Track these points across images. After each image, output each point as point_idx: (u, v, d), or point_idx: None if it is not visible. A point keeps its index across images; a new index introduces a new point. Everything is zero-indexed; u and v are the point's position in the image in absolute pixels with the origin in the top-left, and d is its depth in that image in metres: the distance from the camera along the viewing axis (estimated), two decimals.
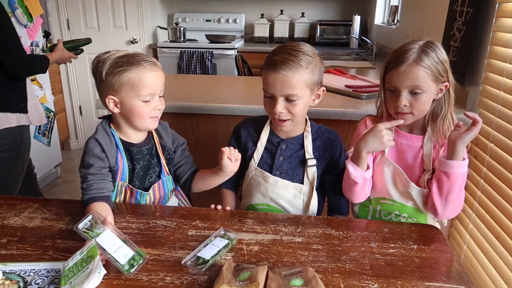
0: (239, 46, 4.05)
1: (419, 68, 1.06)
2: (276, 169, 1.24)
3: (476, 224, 1.55)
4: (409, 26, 2.66)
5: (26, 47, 2.67)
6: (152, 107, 1.11)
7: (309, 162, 1.22)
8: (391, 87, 1.12)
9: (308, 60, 1.10)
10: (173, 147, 1.25)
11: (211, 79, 2.43)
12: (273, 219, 1.11)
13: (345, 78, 2.24)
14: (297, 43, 1.15)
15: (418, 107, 1.11)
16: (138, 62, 1.07)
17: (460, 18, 1.69)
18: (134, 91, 1.07)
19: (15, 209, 1.13)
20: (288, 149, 1.24)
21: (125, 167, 1.16)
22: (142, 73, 1.07)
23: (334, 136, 1.27)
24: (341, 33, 4.27)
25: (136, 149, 1.17)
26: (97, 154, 1.11)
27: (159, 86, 1.12)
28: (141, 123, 1.13)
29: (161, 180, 1.22)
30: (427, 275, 0.89)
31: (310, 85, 1.13)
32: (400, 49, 1.11)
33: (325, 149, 1.25)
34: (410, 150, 1.19)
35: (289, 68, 1.08)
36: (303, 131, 1.24)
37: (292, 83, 1.09)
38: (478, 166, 1.54)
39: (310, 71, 1.11)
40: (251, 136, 1.28)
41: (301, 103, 1.13)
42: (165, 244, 0.98)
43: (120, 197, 1.20)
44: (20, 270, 0.87)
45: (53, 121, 3.06)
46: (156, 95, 1.12)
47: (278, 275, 0.84)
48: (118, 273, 0.86)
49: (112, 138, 1.15)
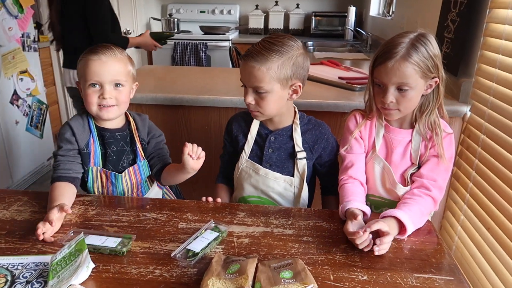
0: (233, 37, 4.03)
1: (407, 64, 1.03)
2: (265, 161, 1.23)
3: (467, 216, 1.55)
4: (404, 17, 2.64)
5: (17, 38, 2.64)
6: (98, 95, 1.14)
7: (298, 155, 1.22)
8: (378, 82, 1.10)
9: (281, 53, 1.08)
10: (147, 138, 1.27)
11: (205, 71, 2.42)
12: (264, 211, 1.11)
13: (339, 69, 2.23)
14: (279, 35, 1.14)
15: (405, 104, 1.09)
16: (91, 50, 1.13)
17: (454, 9, 1.68)
18: (83, 77, 1.14)
19: (4, 202, 1.12)
20: (277, 141, 1.23)
21: (97, 151, 1.20)
22: (89, 61, 1.12)
23: (324, 128, 1.26)
24: (336, 25, 4.25)
25: (108, 133, 1.21)
26: (67, 137, 1.17)
27: (106, 75, 1.13)
28: (90, 109, 1.16)
29: (137, 164, 1.24)
30: (416, 266, 0.89)
31: (280, 79, 1.09)
32: (390, 42, 1.08)
33: (314, 142, 1.24)
34: (399, 145, 1.17)
35: (256, 60, 1.07)
36: (292, 123, 1.23)
37: (258, 75, 1.08)
38: (470, 158, 1.55)
39: (280, 64, 1.08)
40: (242, 129, 1.28)
41: (269, 97, 1.11)
42: (155, 237, 0.97)
43: (97, 182, 1.22)
44: (8, 264, 0.86)
45: (45, 113, 3.03)
46: (105, 84, 1.13)
47: (267, 267, 0.84)
48: (107, 267, 0.86)
49: (86, 122, 1.20)
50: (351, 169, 1.18)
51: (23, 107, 2.78)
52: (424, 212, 1.05)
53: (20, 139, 2.77)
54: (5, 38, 2.54)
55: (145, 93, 1.77)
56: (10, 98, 2.64)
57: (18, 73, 2.70)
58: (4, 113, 2.59)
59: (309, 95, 1.72)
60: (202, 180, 1.91)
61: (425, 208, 1.06)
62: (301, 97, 1.24)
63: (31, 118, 2.86)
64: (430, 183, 1.10)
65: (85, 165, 1.20)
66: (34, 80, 2.85)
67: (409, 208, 1.02)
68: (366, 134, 1.21)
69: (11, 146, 2.67)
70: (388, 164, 1.17)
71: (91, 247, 0.89)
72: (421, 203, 1.06)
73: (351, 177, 1.17)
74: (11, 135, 2.67)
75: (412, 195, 1.09)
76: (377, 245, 0.90)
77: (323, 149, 1.25)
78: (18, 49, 2.68)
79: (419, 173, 1.13)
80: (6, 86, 2.59)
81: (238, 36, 4.25)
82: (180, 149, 1.95)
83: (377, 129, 1.19)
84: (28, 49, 2.78)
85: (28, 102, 2.82)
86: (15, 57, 2.65)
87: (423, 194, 1.08)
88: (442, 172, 1.11)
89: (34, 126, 2.91)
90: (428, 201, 1.08)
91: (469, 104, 1.60)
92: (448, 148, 1.12)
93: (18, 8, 2.63)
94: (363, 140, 1.21)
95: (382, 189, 1.21)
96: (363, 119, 1.20)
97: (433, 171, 1.11)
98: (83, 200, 1.14)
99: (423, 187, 1.10)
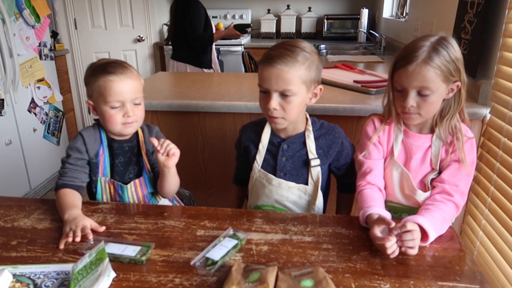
0: (246, 42, 4.04)
1: (429, 68, 1.01)
2: (279, 170, 1.22)
3: (489, 220, 1.52)
4: (418, 19, 2.61)
5: (34, 47, 2.70)
6: (122, 114, 1.14)
7: (312, 163, 1.20)
8: (398, 86, 1.08)
9: (305, 56, 1.08)
10: (151, 150, 1.26)
11: (218, 77, 2.42)
12: (282, 218, 1.10)
13: (354, 73, 2.22)
14: (295, 40, 1.13)
15: (426, 108, 1.06)
16: (107, 70, 1.12)
17: (471, 10, 1.65)
18: (102, 98, 1.13)
19: (25, 210, 1.14)
20: (290, 149, 1.21)
21: (106, 161, 1.22)
22: (109, 81, 1.11)
23: (338, 132, 1.23)
24: (349, 27, 4.23)
25: (117, 144, 1.22)
26: (78, 147, 1.19)
27: (128, 94, 1.14)
28: (112, 128, 1.17)
29: (143, 177, 1.25)
30: (440, 274, 0.87)
31: (306, 81, 1.09)
32: (410, 46, 1.06)
33: (329, 147, 1.22)
34: (419, 151, 1.15)
35: (284, 62, 1.06)
36: (304, 130, 1.21)
37: (287, 77, 1.06)
38: (491, 161, 1.51)
39: (307, 67, 1.08)
40: (252, 139, 1.26)
41: (295, 100, 1.10)
42: (174, 244, 0.97)
43: (106, 193, 1.24)
44: (30, 273, 0.87)
45: (62, 120, 3.08)
46: (126, 103, 1.14)
47: (288, 275, 0.83)
48: (127, 275, 0.86)
49: (98, 133, 1.22)
50: (370, 175, 1.16)
51: (41, 115, 2.82)
52: (446, 218, 1.03)
53: (38, 146, 2.81)
54: (23, 48, 2.59)
55: (160, 100, 1.78)
56: (28, 106, 2.69)
57: (35, 81, 2.75)
58: (22, 121, 2.64)
59: (325, 100, 1.71)
60: (218, 186, 1.92)
61: (447, 214, 1.04)
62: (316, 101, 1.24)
63: (48, 125, 2.91)
64: (452, 188, 1.08)
65: (94, 175, 1.21)
66: (51, 88, 2.90)
67: (431, 214, 1.00)
68: (384, 139, 1.19)
69: (29, 153, 2.72)
70: (407, 170, 1.15)
71: (111, 255, 0.90)
72: (443, 209, 1.04)
73: (370, 183, 1.15)
74: (29, 142, 2.72)
75: (434, 201, 1.06)
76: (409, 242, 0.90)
77: (338, 153, 1.23)
78: (35, 58, 2.73)
79: (440, 178, 1.11)
80: (24, 95, 2.64)
81: (251, 41, 4.26)
82: (196, 156, 1.96)
83: (396, 134, 1.17)
84: (44, 58, 2.83)
85: (45, 109, 2.87)
86: (33, 66, 2.70)
87: (445, 199, 1.06)
88: (464, 177, 1.09)
89: (51, 134, 2.95)
90: (451, 206, 1.06)
91: (489, 106, 1.57)
92: (469, 153, 1.10)
93: (35, 18, 2.68)
94: (381, 146, 1.19)
95: (401, 195, 1.19)
96: (382, 124, 1.18)
97: (455, 176, 1.09)
98: (102, 208, 1.15)
99: (445, 193, 1.08)
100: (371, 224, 0.98)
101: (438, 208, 1.03)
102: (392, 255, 0.90)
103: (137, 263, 0.90)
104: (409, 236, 0.91)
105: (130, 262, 0.90)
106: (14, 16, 2.50)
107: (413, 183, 1.15)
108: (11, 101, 2.53)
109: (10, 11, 2.46)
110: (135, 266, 0.89)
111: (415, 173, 1.15)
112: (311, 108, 1.61)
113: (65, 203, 1.09)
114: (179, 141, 1.83)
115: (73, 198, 1.13)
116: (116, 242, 0.96)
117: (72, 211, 1.05)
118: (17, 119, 2.59)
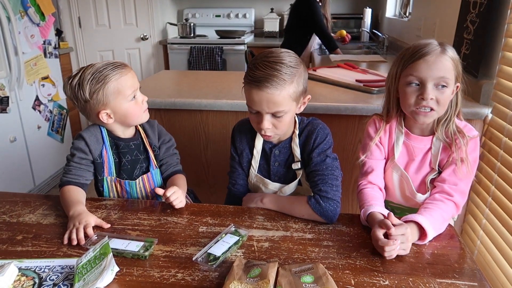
0: (248, 41, 4.04)
1: (447, 58, 1.03)
2: (273, 175, 1.22)
3: (489, 219, 1.52)
4: (421, 19, 2.62)
5: (39, 45, 2.72)
6: (140, 101, 1.19)
7: (293, 166, 1.19)
8: (414, 79, 1.05)
9: (291, 73, 1.03)
10: (158, 144, 1.29)
11: (221, 75, 2.43)
12: (283, 215, 1.11)
13: (356, 72, 2.22)
14: (278, 53, 1.06)
15: (443, 102, 1.05)
16: (112, 70, 1.13)
17: (473, 10, 1.66)
18: (121, 95, 1.14)
19: (30, 206, 1.16)
20: (282, 153, 1.20)
21: (110, 160, 1.22)
22: (121, 78, 1.14)
23: (315, 125, 1.17)
24: (352, 26, 4.22)
25: (123, 143, 1.23)
26: (81, 147, 1.20)
27: (136, 81, 1.19)
28: (137, 119, 1.21)
29: (150, 172, 1.27)
30: (439, 272, 0.88)
31: (296, 97, 1.08)
32: (418, 44, 1.06)
33: (306, 143, 1.17)
34: (420, 152, 1.16)
35: (273, 85, 1.01)
36: (292, 134, 1.19)
37: (278, 100, 1.03)
38: (492, 160, 1.52)
39: (295, 83, 1.05)
40: (246, 142, 1.24)
41: (287, 117, 1.08)
42: (176, 240, 0.99)
43: (113, 192, 1.26)
44: (36, 267, 0.88)
45: (65, 118, 3.10)
46: (137, 90, 1.19)
47: (288, 271, 0.84)
48: (130, 270, 0.88)
49: (99, 133, 1.22)
50: (371, 175, 1.17)
51: (45, 112, 2.84)
52: (445, 218, 1.04)
53: (42, 144, 2.83)
54: (27, 46, 2.61)
55: (163, 98, 1.80)
56: (32, 104, 2.71)
57: (39, 79, 2.77)
58: (27, 118, 2.66)
59: (326, 98, 1.72)
60: (220, 183, 1.94)
61: (446, 214, 1.05)
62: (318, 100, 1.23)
63: (52, 123, 2.93)
64: (451, 187, 1.08)
65: (99, 175, 1.23)
66: (55, 86, 2.92)
67: (430, 213, 1.01)
68: (386, 140, 1.20)
69: (33, 151, 2.74)
70: (408, 171, 1.16)
71: (115, 251, 0.91)
72: (443, 208, 1.04)
73: (371, 182, 1.16)
74: (34, 139, 2.74)
75: (434, 200, 1.07)
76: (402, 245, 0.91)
77: (311, 147, 1.15)
78: (40, 56, 2.75)
79: (440, 178, 1.12)
80: (28, 92, 2.66)
81: (254, 40, 4.27)
82: (198, 153, 1.97)
83: (397, 135, 1.18)
84: (49, 56, 2.85)
85: (50, 107, 2.89)
86: (37, 64, 2.72)
87: (445, 199, 1.07)
88: (464, 176, 1.09)
89: (55, 131, 2.98)
90: (450, 206, 1.06)
91: (490, 106, 1.58)
92: (472, 152, 1.10)
93: (40, 16, 2.70)
94: (383, 146, 1.20)
95: (401, 197, 1.20)
96: (383, 124, 1.19)
97: (455, 176, 1.09)
98: (106, 204, 1.17)
99: (444, 192, 1.08)
100: (373, 224, 0.99)
101: (437, 207, 1.04)
102: (389, 257, 0.91)
103: (140, 258, 0.91)
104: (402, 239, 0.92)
105: (133, 257, 0.91)
106: (19, 14, 2.52)
107: (412, 187, 1.15)
108: (16, 99, 2.55)
109: (16, 9, 2.48)
110: (138, 261, 0.91)
111: (415, 174, 1.16)
112: (313, 108, 1.63)
113: (69, 199, 1.11)
114: (182, 139, 1.86)
115: (78, 195, 1.15)
116: (119, 237, 0.97)
117: (77, 207, 1.07)
118: (21, 117, 2.62)
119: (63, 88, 1.17)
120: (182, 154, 1.37)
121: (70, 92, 1.14)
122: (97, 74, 1.12)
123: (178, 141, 1.37)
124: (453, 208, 1.07)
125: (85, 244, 0.96)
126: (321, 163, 1.12)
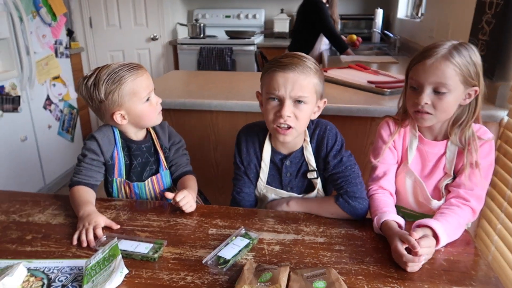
0: (258, 41, 4.03)
1: (448, 64, 0.99)
2: (286, 186, 1.20)
3: (505, 224, 1.49)
4: (434, 19, 2.58)
5: (50, 45, 2.73)
6: (155, 103, 1.19)
7: (309, 175, 1.16)
8: (414, 83, 1.04)
9: (316, 68, 1.07)
10: (168, 145, 1.28)
11: (231, 76, 2.42)
12: (294, 218, 1.09)
13: (367, 73, 2.20)
14: (298, 53, 1.09)
15: (442, 107, 1.02)
16: (128, 71, 1.12)
17: (489, 10, 1.62)
18: (136, 97, 1.14)
19: (40, 206, 1.15)
20: (293, 164, 1.17)
21: (121, 162, 1.22)
22: (137, 79, 1.13)
23: (323, 128, 1.15)
24: (363, 27, 4.19)
25: (135, 145, 1.23)
26: (93, 149, 1.19)
27: (151, 83, 1.18)
28: (151, 121, 1.21)
29: (159, 174, 1.26)
30: (455, 279, 0.85)
31: (317, 92, 1.07)
32: (430, 46, 1.04)
33: (319, 149, 1.15)
34: (434, 157, 1.13)
35: (300, 69, 1.03)
36: (303, 142, 1.16)
37: (304, 84, 1.03)
38: (508, 164, 1.48)
39: (319, 79, 1.07)
40: (254, 153, 1.20)
41: (307, 109, 1.06)
42: (186, 242, 0.98)
43: (122, 193, 1.25)
44: (44, 267, 0.88)
45: (76, 117, 3.11)
46: (152, 92, 1.18)
47: (300, 276, 0.82)
48: (139, 272, 0.86)
49: (112, 134, 1.21)
50: (383, 180, 1.14)
51: (55, 112, 2.86)
52: (461, 223, 1.01)
53: (52, 143, 2.85)
54: (39, 46, 2.63)
55: (173, 98, 1.79)
56: (43, 103, 2.73)
57: (51, 79, 2.78)
58: (38, 117, 2.68)
59: (338, 100, 1.70)
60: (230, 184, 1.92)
61: (463, 219, 1.02)
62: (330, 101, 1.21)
63: (62, 122, 2.94)
64: (467, 193, 1.05)
65: (109, 176, 1.23)
66: (65, 86, 2.94)
67: (446, 219, 0.98)
68: (399, 143, 1.17)
69: (44, 150, 2.76)
70: (422, 177, 1.13)
71: (124, 252, 0.90)
72: (459, 213, 1.01)
73: (382, 187, 1.13)
74: (44, 138, 2.76)
75: (450, 205, 1.04)
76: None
77: (325, 153, 1.14)
78: (51, 55, 2.76)
79: (455, 182, 1.09)
80: (39, 92, 2.68)
81: (264, 40, 4.26)
82: (208, 154, 1.96)
83: (410, 139, 1.15)
84: (60, 56, 2.87)
85: (60, 107, 2.91)
86: (48, 64, 2.74)
87: (461, 204, 1.04)
88: (480, 181, 1.06)
89: (66, 130, 2.99)
90: (467, 211, 1.03)
91: (506, 109, 1.54)
92: (487, 156, 1.07)
93: (52, 16, 2.71)
94: (396, 150, 1.17)
95: (414, 202, 1.17)
96: (397, 127, 1.16)
97: (471, 180, 1.06)
98: (115, 205, 1.16)
99: (460, 197, 1.05)
100: (390, 234, 0.94)
101: (453, 213, 1.01)
102: (411, 271, 0.87)
103: (149, 260, 0.90)
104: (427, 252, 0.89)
105: (142, 259, 0.90)
106: (31, 15, 2.53)
107: (427, 193, 1.12)
108: (27, 98, 2.57)
109: (28, 9, 2.49)
110: (147, 263, 0.90)
111: (429, 180, 1.13)
112: (324, 109, 1.60)
113: (79, 200, 1.10)
114: (191, 140, 1.84)
115: (88, 195, 1.14)
116: (128, 239, 0.96)
117: (87, 207, 1.06)
118: (32, 116, 2.63)
119: (78, 88, 1.17)
120: (191, 155, 1.36)
121: (85, 92, 1.13)
122: (113, 74, 1.11)
123: (188, 142, 1.36)
124: (469, 214, 1.04)
125: (94, 245, 0.95)
126: (339, 165, 1.12)
